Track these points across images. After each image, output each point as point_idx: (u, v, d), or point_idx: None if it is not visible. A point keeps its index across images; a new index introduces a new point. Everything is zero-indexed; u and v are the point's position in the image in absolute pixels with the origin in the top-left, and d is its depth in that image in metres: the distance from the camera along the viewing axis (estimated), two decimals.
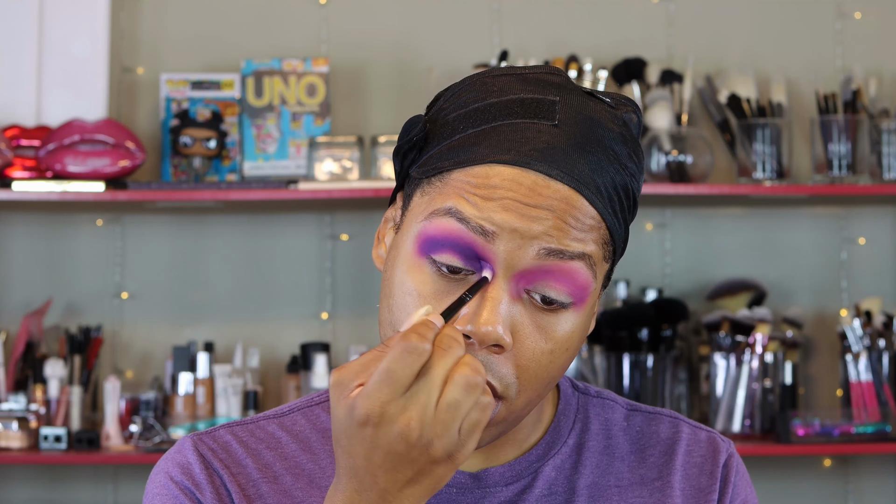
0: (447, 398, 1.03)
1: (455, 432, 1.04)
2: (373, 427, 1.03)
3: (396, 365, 1.02)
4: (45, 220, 3.48)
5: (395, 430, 1.03)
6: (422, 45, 3.51)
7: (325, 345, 3.33)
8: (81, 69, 3.34)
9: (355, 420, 1.03)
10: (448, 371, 1.04)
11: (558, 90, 1.18)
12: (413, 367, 1.03)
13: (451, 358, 1.04)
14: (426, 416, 1.03)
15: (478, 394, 1.04)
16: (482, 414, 1.05)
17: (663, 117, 3.35)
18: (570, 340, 1.17)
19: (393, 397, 1.03)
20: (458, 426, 1.04)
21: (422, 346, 1.03)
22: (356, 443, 1.04)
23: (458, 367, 1.04)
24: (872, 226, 3.53)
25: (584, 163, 1.15)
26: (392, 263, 1.18)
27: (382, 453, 1.03)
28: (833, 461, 3.49)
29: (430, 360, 1.04)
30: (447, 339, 1.05)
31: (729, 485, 1.28)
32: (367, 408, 1.03)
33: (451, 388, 1.04)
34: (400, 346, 1.03)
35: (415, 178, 1.19)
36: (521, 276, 1.14)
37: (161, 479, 1.23)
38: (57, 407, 3.26)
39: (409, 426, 1.03)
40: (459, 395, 1.04)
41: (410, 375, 1.03)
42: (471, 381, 1.04)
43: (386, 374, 1.02)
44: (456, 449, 1.05)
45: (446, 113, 1.19)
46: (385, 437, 1.03)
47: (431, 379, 1.03)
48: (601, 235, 1.16)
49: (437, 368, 1.03)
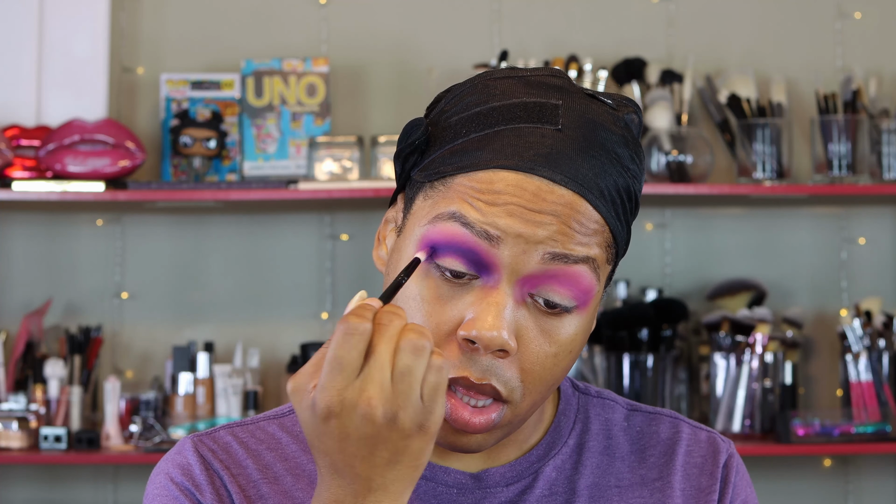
0: (399, 367, 1.03)
1: (417, 399, 1.03)
2: (336, 417, 1.02)
3: (341, 350, 1.02)
4: (45, 220, 3.48)
5: (358, 414, 1.02)
6: (422, 45, 3.51)
7: (325, 345, 3.32)
8: (81, 69, 3.35)
9: (319, 416, 1.03)
10: (394, 343, 1.03)
11: (560, 93, 1.18)
12: (358, 348, 1.02)
13: (394, 329, 1.03)
14: (384, 392, 1.02)
15: (426, 355, 1.03)
16: (438, 375, 1.04)
17: (663, 117, 3.35)
18: (573, 343, 1.17)
19: (347, 382, 1.02)
20: (417, 393, 1.03)
21: (361, 325, 1.02)
22: (326, 438, 1.04)
23: (403, 334, 1.03)
24: (872, 226, 3.53)
25: (588, 167, 1.15)
26: (394, 266, 1.18)
27: (354, 441, 1.03)
28: (833, 461, 3.49)
29: (373, 337, 1.03)
30: (386, 315, 1.04)
31: (729, 485, 1.28)
32: (325, 400, 1.02)
33: (399, 356, 1.03)
34: (340, 330, 1.02)
35: (417, 181, 1.19)
36: (525, 280, 1.14)
37: (161, 479, 1.23)
38: (57, 407, 3.26)
39: (371, 405, 1.02)
40: (409, 360, 1.03)
41: (358, 357, 1.02)
42: (418, 345, 1.03)
43: (334, 362, 1.02)
44: (424, 417, 1.04)
45: (448, 116, 1.19)
46: (351, 423, 1.02)
47: (379, 354, 1.03)
48: (604, 238, 1.17)
49: (381, 344, 1.03)
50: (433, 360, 1.04)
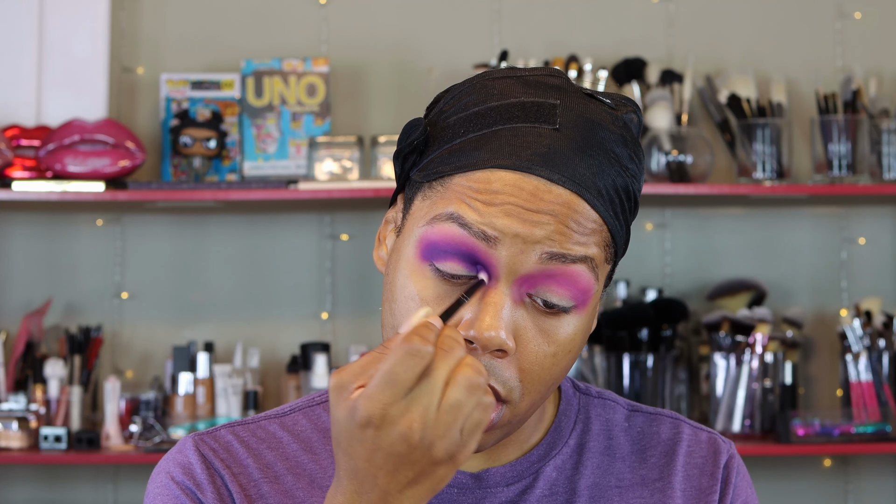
0: (449, 399, 1.03)
1: (457, 433, 1.04)
2: (374, 429, 1.03)
3: (399, 367, 1.02)
4: (45, 220, 3.48)
5: (396, 432, 1.02)
6: (422, 45, 3.51)
7: (325, 345, 3.33)
8: (81, 69, 3.35)
9: (357, 422, 1.03)
10: (450, 372, 1.04)
11: (559, 93, 1.18)
12: (415, 370, 1.02)
13: (453, 359, 1.04)
14: (428, 418, 1.03)
15: (480, 394, 1.04)
16: (483, 414, 1.05)
17: (663, 117, 3.35)
18: (572, 343, 1.17)
19: (395, 399, 1.02)
20: (460, 427, 1.04)
21: (424, 348, 1.02)
22: (357, 444, 1.04)
23: (460, 368, 1.04)
24: (872, 226, 3.53)
25: (586, 166, 1.15)
26: (394, 267, 1.18)
27: (384, 455, 1.03)
28: (833, 461, 3.49)
29: (432, 362, 1.03)
30: (448, 341, 1.04)
31: (730, 485, 1.28)
32: (369, 409, 1.02)
33: (453, 389, 1.03)
34: (402, 348, 1.02)
35: (416, 181, 1.19)
36: (523, 280, 1.14)
37: (162, 479, 1.23)
38: (57, 407, 3.26)
39: (412, 428, 1.02)
40: (462, 395, 1.03)
41: (413, 378, 1.02)
42: (473, 382, 1.04)
43: (388, 376, 1.02)
44: (457, 450, 1.04)
45: (447, 116, 1.19)
46: (387, 438, 1.03)
47: (434, 381, 1.03)
48: (603, 238, 1.16)
49: (439, 370, 1.03)
50: (483, 399, 1.05)
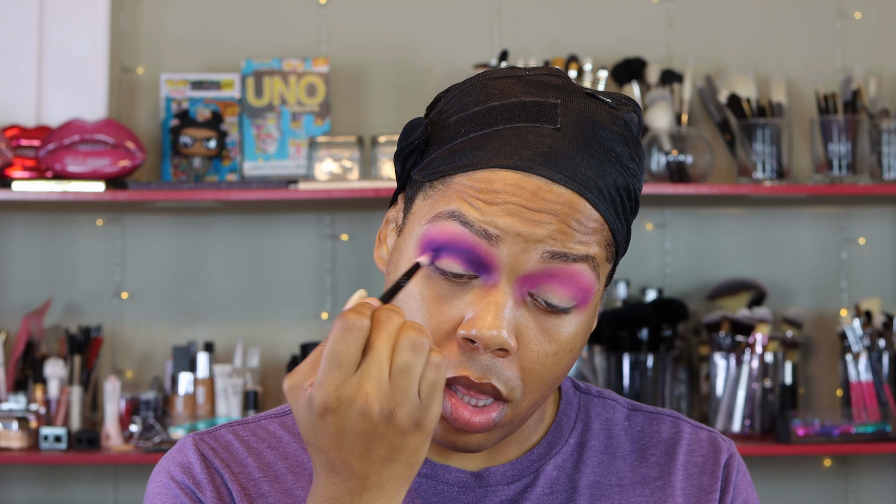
0: (397, 363, 1.02)
1: (415, 396, 1.03)
2: (333, 413, 1.02)
3: (339, 346, 1.01)
4: (45, 220, 3.48)
5: (355, 410, 1.02)
6: (422, 45, 3.51)
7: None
8: (81, 69, 3.35)
9: (315, 413, 1.02)
10: (392, 340, 1.03)
11: (559, 92, 1.18)
12: (356, 344, 1.02)
13: (392, 326, 1.03)
14: (382, 388, 1.02)
15: (425, 352, 1.03)
16: (437, 373, 1.04)
17: (663, 117, 3.35)
18: (573, 342, 1.17)
19: (345, 378, 1.02)
20: (415, 390, 1.03)
21: (360, 321, 1.02)
22: (322, 435, 1.03)
23: (402, 331, 1.03)
24: (872, 226, 3.53)
25: (587, 166, 1.15)
26: (395, 266, 1.18)
27: (350, 437, 1.03)
28: (833, 461, 3.49)
29: (371, 334, 1.02)
30: (384, 312, 1.03)
31: (730, 484, 1.28)
32: (322, 396, 1.02)
33: (398, 352, 1.02)
34: (338, 325, 1.02)
35: (417, 180, 1.19)
36: (524, 279, 1.14)
37: (162, 478, 1.23)
38: (57, 407, 3.26)
39: (368, 401, 1.01)
40: (408, 357, 1.02)
41: (355, 353, 1.02)
42: (416, 342, 1.03)
43: (332, 358, 1.02)
44: (421, 414, 1.03)
45: (447, 115, 1.19)
46: (348, 419, 1.02)
47: (377, 350, 1.02)
48: (604, 237, 1.16)
49: (379, 340, 1.02)
50: (432, 358, 1.04)
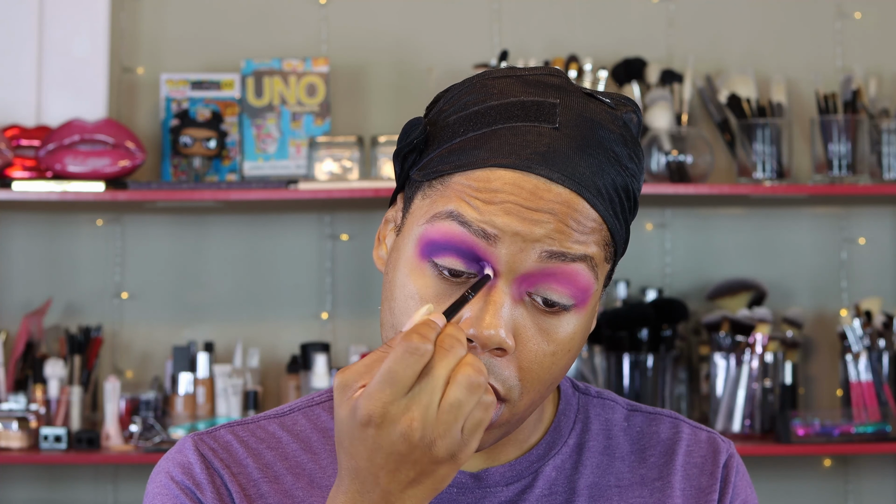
0: (450, 398, 1.03)
1: (458, 432, 1.04)
2: (375, 428, 1.03)
3: (398, 366, 1.02)
4: (45, 220, 3.48)
5: (397, 431, 1.02)
6: (422, 45, 3.51)
7: (325, 345, 3.33)
8: (81, 69, 3.35)
9: (358, 421, 1.03)
10: (450, 371, 1.03)
11: (558, 92, 1.18)
12: (415, 368, 1.02)
13: (454, 358, 1.04)
14: (428, 417, 1.03)
15: (480, 393, 1.04)
16: (485, 413, 1.05)
17: (663, 117, 3.35)
18: (572, 342, 1.17)
19: (395, 398, 1.02)
20: (460, 426, 1.04)
21: (423, 346, 1.02)
22: (358, 444, 1.04)
23: (461, 367, 1.04)
24: (872, 226, 3.53)
25: (585, 165, 1.15)
26: (393, 266, 1.18)
27: (384, 454, 1.03)
28: (833, 461, 3.49)
29: (432, 360, 1.03)
30: (449, 339, 1.04)
31: (729, 485, 1.28)
32: (369, 409, 1.02)
33: (453, 388, 1.03)
34: (402, 346, 1.02)
35: (415, 180, 1.19)
36: (523, 279, 1.14)
37: (162, 478, 1.23)
38: (57, 407, 3.26)
39: (412, 426, 1.02)
40: (462, 395, 1.03)
41: (412, 376, 1.02)
42: (473, 382, 1.04)
43: (388, 375, 1.02)
44: (458, 449, 1.04)
45: (446, 115, 1.19)
46: (387, 437, 1.03)
47: (434, 379, 1.03)
48: (602, 237, 1.16)
49: (439, 369, 1.03)
50: (484, 398, 1.05)
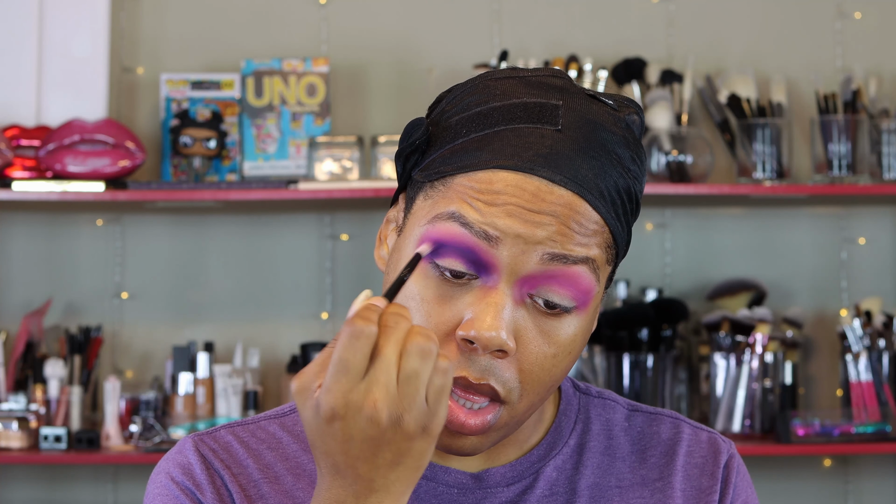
0: (405, 370, 1.02)
1: (422, 402, 1.03)
2: (340, 419, 1.02)
3: (347, 352, 1.01)
4: (45, 220, 3.48)
5: (363, 417, 1.02)
6: (422, 45, 3.51)
7: (324, 345, 3.32)
8: (81, 69, 3.35)
9: (323, 417, 1.02)
10: (400, 346, 1.03)
11: (561, 93, 1.18)
12: (364, 351, 1.02)
13: (400, 332, 1.03)
14: (390, 394, 1.02)
15: (433, 358, 1.03)
16: (444, 378, 1.04)
17: (663, 117, 3.35)
18: (573, 344, 1.17)
19: (352, 385, 1.02)
20: (423, 395, 1.03)
21: (368, 328, 1.02)
22: (329, 440, 1.03)
23: (410, 338, 1.03)
24: (872, 226, 3.53)
25: (588, 167, 1.15)
26: (395, 266, 1.18)
27: (357, 443, 1.03)
28: (833, 461, 3.49)
29: (379, 339, 1.02)
30: (392, 317, 1.03)
31: (730, 485, 1.28)
32: (330, 402, 1.02)
33: (406, 358, 1.02)
34: (346, 332, 1.02)
35: (417, 181, 1.19)
36: (524, 280, 1.14)
37: (162, 479, 1.23)
38: (57, 407, 3.26)
39: (376, 408, 1.02)
40: (416, 363, 1.02)
41: (363, 360, 1.02)
42: (425, 348, 1.03)
43: (340, 364, 1.01)
44: (428, 420, 1.03)
45: (449, 116, 1.19)
46: (355, 425, 1.02)
47: (385, 356, 1.02)
48: (604, 239, 1.16)
49: (388, 346, 1.02)
50: (439, 363, 1.04)
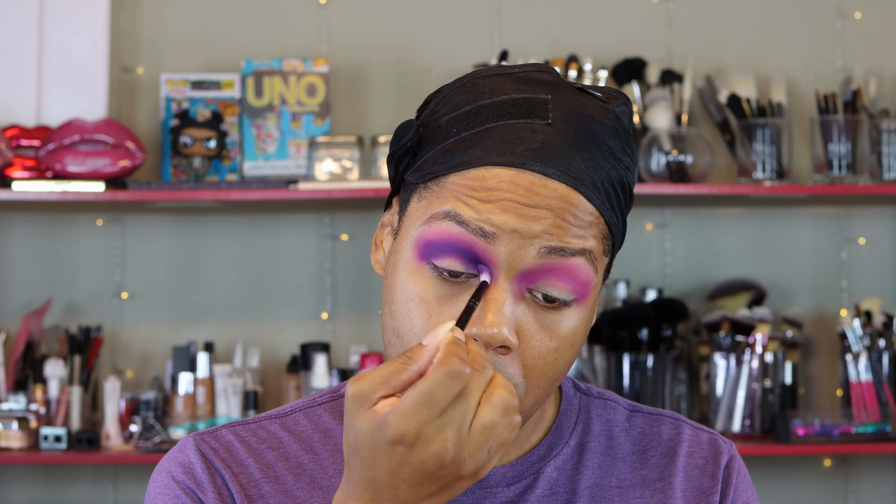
0: (484, 420, 1.04)
1: (486, 452, 1.05)
2: (406, 447, 1.03)
3: (439, 389, 1.02)
4: (45, 220, 3.48)
5: (430, 451, 1.03)
6: (422, 45, 3.51)
7: (325, 345, 3.33)
8: (81, 69, 3.34)
9: (387, 437, 1.03)
10: (482, 391, 1.04)
11: (549, 88, 1.18)
12: (454, 392, 1.03)
13: (485, 378, 1.04)
14: (461, 438, 1.03)
15: (513, 415, 1.05)
16: (511, 434, 1.06)
17: (663, 117, 3.35)
18: (574, 337, 1.17)
19: (431, 419, 1.02)
20: (490, 446, 1.05)
21: (464, 371, 1.03)
22: (382, 458, 1.03)
23: (494, 389, 1.04)
24: (872, 226, 3.53)
25: (580, 160, 1.15)
26: (392, 269, 1.18)
27: (411, 470, 1.03)
28: (833, 461, 3.49)
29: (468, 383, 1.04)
30: (480, 360, 1.05)
31: (730, 486, 1.28)
32: (403, 428, 1.02)
33: (488, 410, 1.04)
34: (442, 370, 1.02)
35: (410, 182, 1.19)
36: (523, 275, 1.14)
37: (163, 478, 1.23)
38: (57, 407, 3.26)
39: (446, 448, 1.03)
40: (497, 417, 1.04)
41: (450, 399, 1.03)
42: (509, 405, 1.05)
43: (427, 397, 1.02)
44: (482, 466, 1.05)
45: (438, 116, 1.19)
46: (418, 456, 1.03)
47: (469, 401, 1.03)
48: (600, 231, 1.17)
49: (474, 391, 1.04)
50: (514, 420, 1.05)
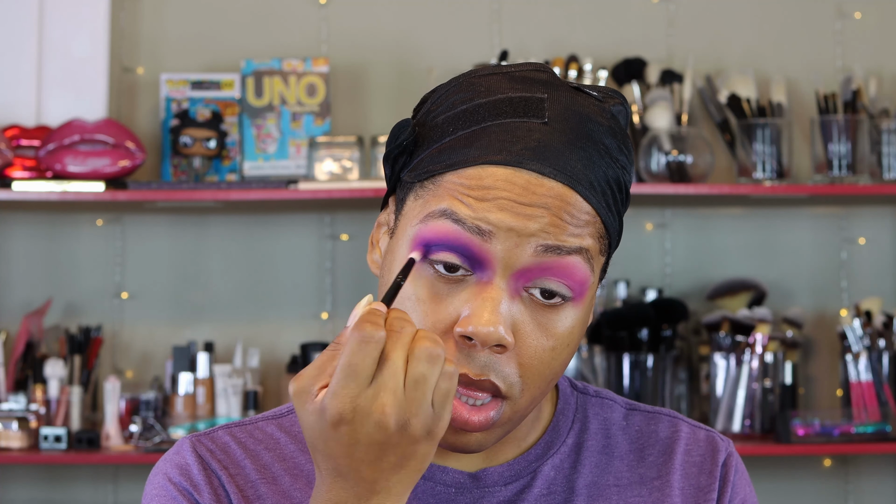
0: (413, 374, 1.03)
1: (429, 406, 1.04)
2: (347, 424, 1.02)
3: (356, 357, 1.02)
4: (45, 220, 3.48)
5: (371, 421, 1.02)
6: (422, 45, 3.51)
7: (325, 345, 3.33)
8: (81, 69, 3.35)
9: (328, 421, 1.03)
10: (406, 350, 1.03)
11: (546, 87, 1.18)
12: (373, 356, 1.02)
13: (406, 336, 1.04)
14: (397, 399, 1.02)
15: (441, 363, 1.04)
16: (450, 382, 1.05)
17: (663, 117, 3.35)
18: (570, 336, 1.17)
19: (360, 390, 1.02)
20: (430, 399, 1.04)
21: (377, 333, 1.02)
22: (333, 443, 1.03)
23: (417, 342, 1.04)
24: (872, 226, 3.53)
25: (576, 159, 1.15)
26: (389, 268, 1.18)
27: (363, 446, 1.03)
28: (833, 461, 3.49)
29: (386, 344, 1.03)
30: (397, 322, 1.04)
31: (728, 484, 1.28)
32: (337, 407, 1.02)
33: (414, 363, 1.03)
34: (355, 337, 1.02)
35: (407, 182, 1.19)
36: (519, 274, 1.14)
37: (159, 480, 1.23)
38: (57, 407, 3.26)
39: (385, 413, 1.02)
40: (424, 368, 1.03)
41: (372, 364, 1.02)
42: (433, 353, 1.03)
43: (348, 369, 1.02)
44: (433, 424, 1.04)
45: (434, 115, 1.19)
46: (362, 430, 1.02)
47: (393, 361, 1.03)
48: (596, 229, 1.17)
49: (395, 350, 1.03)
50: (446, 368, 1.04)
